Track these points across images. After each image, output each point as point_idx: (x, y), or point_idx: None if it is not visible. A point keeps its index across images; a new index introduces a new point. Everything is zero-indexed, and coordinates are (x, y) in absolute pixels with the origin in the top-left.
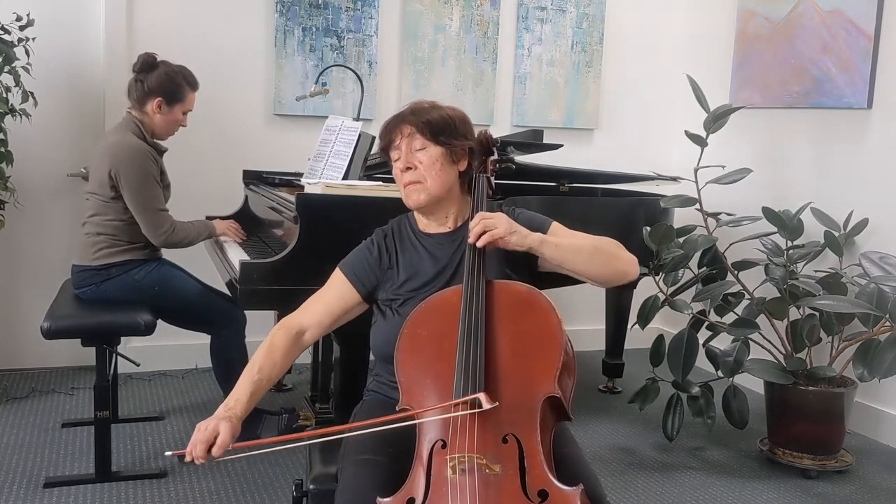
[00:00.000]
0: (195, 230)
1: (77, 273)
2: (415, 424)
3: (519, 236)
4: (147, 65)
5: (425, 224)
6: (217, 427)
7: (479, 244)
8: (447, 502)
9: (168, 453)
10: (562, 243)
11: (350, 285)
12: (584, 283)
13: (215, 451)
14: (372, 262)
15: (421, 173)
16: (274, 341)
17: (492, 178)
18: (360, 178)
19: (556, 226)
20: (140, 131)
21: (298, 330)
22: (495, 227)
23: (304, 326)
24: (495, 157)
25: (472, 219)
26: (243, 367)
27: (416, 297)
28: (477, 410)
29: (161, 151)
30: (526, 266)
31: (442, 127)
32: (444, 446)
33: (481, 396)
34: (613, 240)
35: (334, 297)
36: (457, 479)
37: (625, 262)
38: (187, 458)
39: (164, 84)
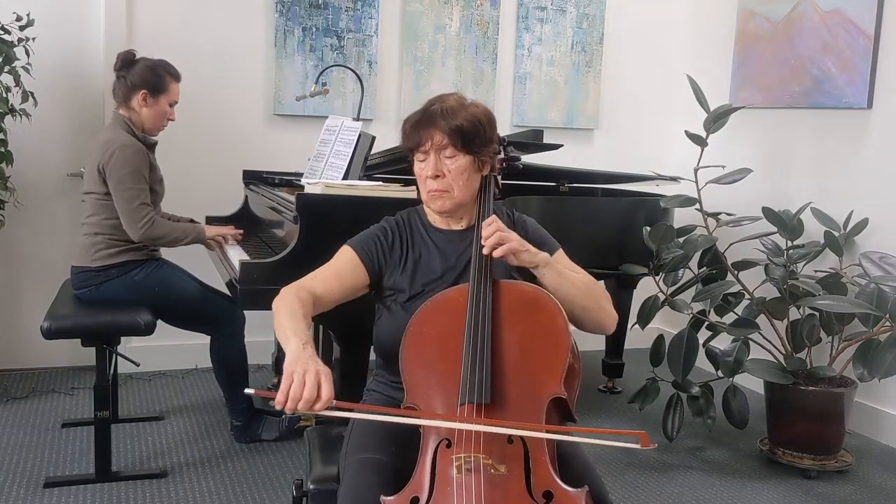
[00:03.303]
0: (179, 229)
1: (76, 274)
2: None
3: (529, 254)
4: (127, 61)
5: (437, 220)
6: (319, 378)
7: (496, 255)
8: (452, 502)
9: (249, 391)
10: (564, 272)
11: (361, 264)
12: None
13: (319, 408)
14: (384, 246)
15: (448, 182)
16: (299, 296)
17: (499, 178)
18: (360, 178)
19: (560, 252)
20: (130, 128)
21: (313, 294)
22: (510, 240)
23: (317, 294)
24: (503, 155)
25: (480, 218)
26: (243, 367)
27: (423, 294)
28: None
29: (151, 145)
30: (529, 274)
31: (473, 134)
32: (449, 445)
33: None
34: (605, 290)
35: (346, 271)
36: (462, 479)
37: (609, 313)
38: (278, 407)
39: (146, 77)
